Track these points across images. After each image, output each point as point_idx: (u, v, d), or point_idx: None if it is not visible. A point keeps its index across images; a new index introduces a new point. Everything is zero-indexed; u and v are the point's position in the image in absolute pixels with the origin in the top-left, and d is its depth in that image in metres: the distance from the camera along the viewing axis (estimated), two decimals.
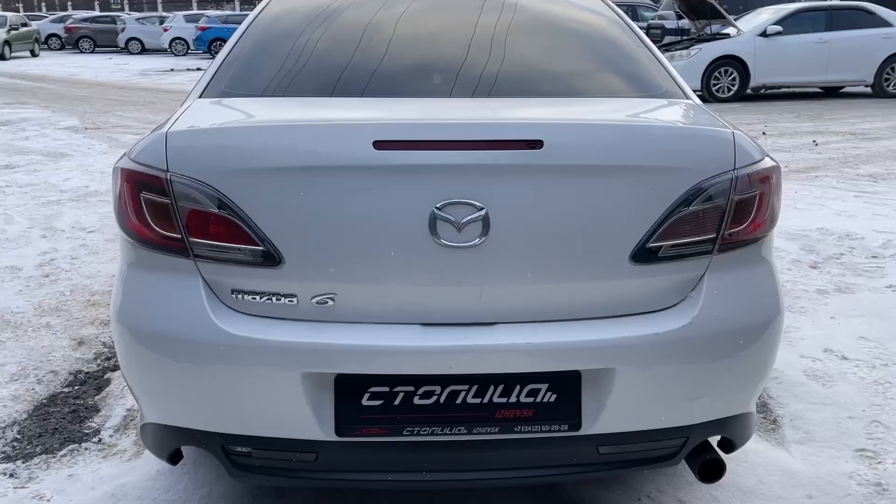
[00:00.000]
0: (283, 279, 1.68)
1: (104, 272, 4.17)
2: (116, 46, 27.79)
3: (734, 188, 1.74)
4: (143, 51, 27.48)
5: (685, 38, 13.18)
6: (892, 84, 11.97)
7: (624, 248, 1.69)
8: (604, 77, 2.22)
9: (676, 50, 11.90)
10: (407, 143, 1.63)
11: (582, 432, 1.71)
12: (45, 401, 2.87)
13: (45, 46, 28.78)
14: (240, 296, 1.71)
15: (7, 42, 23.69)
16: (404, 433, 1.69)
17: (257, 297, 1.70)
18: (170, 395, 1.76)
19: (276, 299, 1.69)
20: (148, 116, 10.48)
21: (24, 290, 3.91)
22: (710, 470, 1.84)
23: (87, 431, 2.66)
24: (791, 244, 4.74)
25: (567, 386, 1.69)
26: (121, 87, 15.04)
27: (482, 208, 1.63)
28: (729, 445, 1.91)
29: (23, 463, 2.47)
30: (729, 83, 11.65)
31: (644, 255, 1.70)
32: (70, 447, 2.55)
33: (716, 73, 11.57)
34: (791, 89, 12.51)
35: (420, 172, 1.63)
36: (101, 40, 28.43)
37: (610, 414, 1.71)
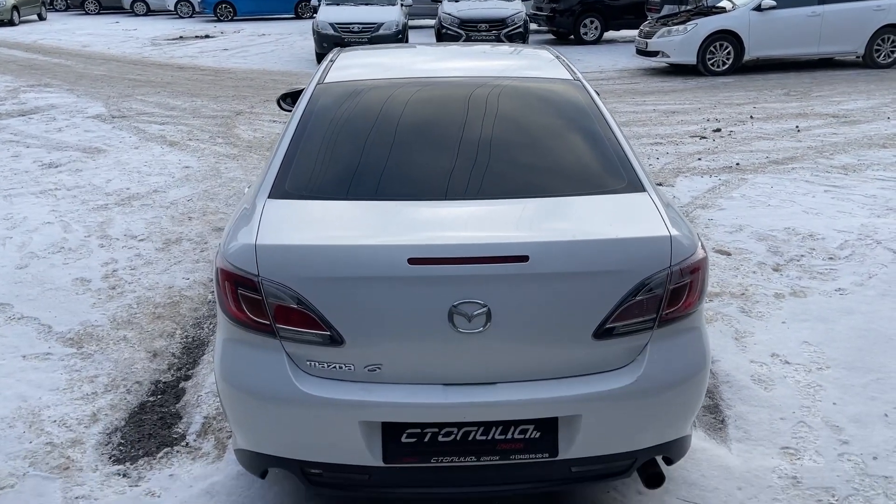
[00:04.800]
0: (345, 353, 2.34)
1: (161, 283, 4.85)
2: (121, 8, 27.92)
3: (670, 280, 2.38)
4: (149, 12, 27.61)
5: (683, 9, 13.49)
6: (882, 55, 12.37)
7: (588, 329, 2.34)
8: (576, 175, 2.77)
9: (674, 24, 12.26)
10: (431, 260, 2.27)
11: (559, 458, 2.39)
12: (136, 409, 3.57)
13: (52, 7, 28.89)
14: (313, 363, 2.37)
15: (16, 7, 24.00)
16: (431, 461, 2.38)
17: (325, 365, 2.37)
18: (263, 433, 2.44)
19: (339, 367, 2.36)
20: (169, 101, 11.00)
21: (98, 303, 4.59)
22: (654, 480, 2.53)
23: (175, 436, 3.37)
24: (759, 245, 5.36)
25: (548, 427, 2.37)
26: (135, 63, 15.47)
27: (485, 305, 2.28)
28: (668, 460, 2.60)
29: (131, 465, 3.17)
30: (724, 57, 12.04)
31: (603, 333, 2.35)
32: (165, 450, 3.26)
33: (711, 48, 11.97)
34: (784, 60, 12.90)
35: (441, 281, 2.28)
36: (107, 2, 28.53)
37: (578, 444, 2.38)
